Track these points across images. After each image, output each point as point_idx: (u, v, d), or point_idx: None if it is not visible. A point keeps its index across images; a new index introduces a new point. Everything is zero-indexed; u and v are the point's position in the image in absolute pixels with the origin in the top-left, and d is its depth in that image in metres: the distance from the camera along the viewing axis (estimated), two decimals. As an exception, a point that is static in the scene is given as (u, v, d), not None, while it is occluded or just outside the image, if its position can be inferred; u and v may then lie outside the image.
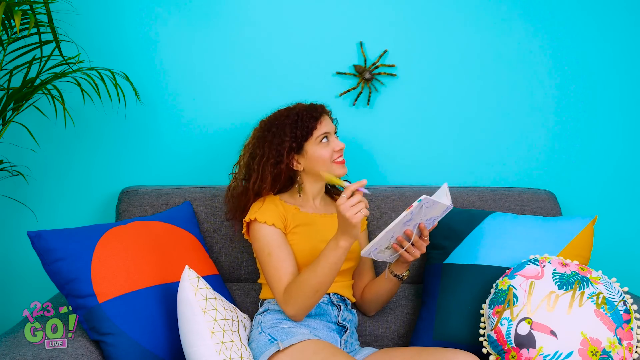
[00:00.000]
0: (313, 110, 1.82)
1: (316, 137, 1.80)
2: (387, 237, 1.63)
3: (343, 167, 1.82)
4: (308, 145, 1.80)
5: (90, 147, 2.12)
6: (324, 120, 1.83)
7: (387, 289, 1.84)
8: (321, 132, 1.80)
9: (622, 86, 2.22)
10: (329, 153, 1.80)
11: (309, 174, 1.84)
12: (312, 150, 1.80)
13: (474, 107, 2.19)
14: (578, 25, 2.19)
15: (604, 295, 1.67)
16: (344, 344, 1.77)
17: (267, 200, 1.80)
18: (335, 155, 1.81)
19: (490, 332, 1.69)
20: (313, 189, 1.87)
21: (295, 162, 1.81)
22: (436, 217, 1.68)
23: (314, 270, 1.64)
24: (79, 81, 1.92)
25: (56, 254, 1.61)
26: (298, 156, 1.81)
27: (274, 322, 1.73)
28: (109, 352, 1.60)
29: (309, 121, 1.80)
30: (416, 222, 1.64)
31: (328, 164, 1.80)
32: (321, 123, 1.82)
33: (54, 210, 2.12)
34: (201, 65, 2.12)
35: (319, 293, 1.66)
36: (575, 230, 1.88)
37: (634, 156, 2.25)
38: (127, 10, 2.08)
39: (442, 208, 1.64)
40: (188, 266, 1.62)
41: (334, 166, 1.81)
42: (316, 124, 1.80)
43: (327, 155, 1.80)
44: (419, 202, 1.57)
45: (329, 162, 1.80)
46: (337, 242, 1.61)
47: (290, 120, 1.81)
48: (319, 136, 1.80)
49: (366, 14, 2.13)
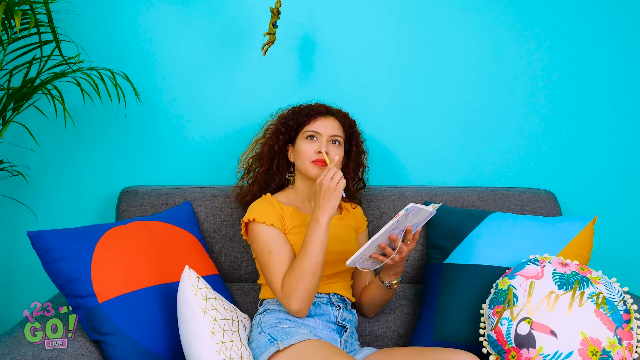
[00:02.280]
0: (316, 108, 1.87)
1: (304, 132, 1.84)
2: (373, 247, 1.63)
3: (319, 169, 1.79)
4: (298, 139, 1.86)
5: (90, 147, 2.12)
6: (323, 121, 1.84)
7: (379, 295, 1.85)
8: (310, 129, 1.83)
9: (622, 86, 2.22)
10: (310, 150, 1.81)
11: (301, 172, 1.85)
12: (299, 144, 1.85)
13: (473, 107, 2.19)
14: (578, 25, 2.19)
15: (604, 295, 1.67)
16: (344, 344, 1.77)
17: (264, 200, 1.81)
18: (314, 156, 1.80)
19: (490, 332, 1.69)
20: (305, 189, 1.88)
21: (289, 152, 1.88)
22: (419, 223, 1.68)
23: (304, 253, 1.65)
24: (79, 81, 1.92)
25: (56, 254, 1.61)
26: (292, 147, 1.88)
27: (274, 322, 1.73)
28: (109, 352, 1.60)
29: (303, 116, 1.86)
30: (401, 229, 1.64)
31: (307, 161, 1.81)
32: (316, 121, 1.84)
33: (53, 210, 2.12)
34: (201, 64, 2.12)
35: (316, 276, 1.66)
36: (575, 230, 1.88)
37: (634, 156, 2.25)
38: (127, 11, 2.08)
39: (425, 214, 1.64)
40: (188, 266, 1.62)
41: (309, 166, 1.81)
42: (309, 119, 1.85)
43: (309, 152, 1.81)
44: (406, 211, 1.57)
45: (308, 160, 1.81)
46: (317, 220, 1.65)
47: (297, 110, 1.89)
48: (306, 132, 1.83)
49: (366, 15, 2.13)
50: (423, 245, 2.03)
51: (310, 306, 1.72)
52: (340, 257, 1.80)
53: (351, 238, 1.89)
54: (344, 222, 1.90)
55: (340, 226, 1.88)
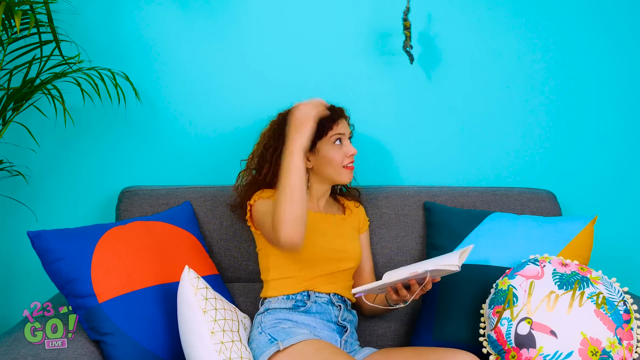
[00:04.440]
0: (332, 111, 1.82)
1: (330, 137, 1.80)
2: (380, 288, 1.63)
3: (350, 174, 1.83)
4: (321, 144, 1.81)
5: (91, 147, 2.12)
6: (340, 122, 1.83)
7: (382, 310, 1.85)
8: (336, 132, 1.81)
9: (622, 86, 2.22)
10: (340, 156, 1.81)
11: (317, 174, 1.84)
12: (325, 150, 1.80)
13: (473, 107, 2.19)
14: (578, 24, 2.19)
15: (604, 295, 1.67)
16: (344, 344, 1.78)
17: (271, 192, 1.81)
18: (346, 160, 1.81)
19: (490, 332, 1.69)
20: (319, 190, 1.87)
21: (306, 159, 1.79)
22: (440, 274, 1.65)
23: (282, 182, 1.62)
24: (79, 81, 1.92)
25: (56, 254, 1.61)
26: (309, 154, 1.81)
27: (274, 322, 1.73)
28: (109, 352, 1.60)
29: (326, 120, 1.79)
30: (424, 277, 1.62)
31: (338, 167, 1.81)
32: (338, 124, 1.82)
33: (53, 210, 2.12)
34: (201, 65, 2.12)
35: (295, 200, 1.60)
36: (575, 230, 1.88)
37: (634, 156, 2.25)
38: (127, 10, 2.08)
39: (448, 272, 1.61)
40: (188, 266, 1.62)
41: (343, 171, 1.81)
42: (333, 124, 1.81)
43: (339, 159, 1.80)
44: (424, 271, 1.55)
45: (340, 165, 1.81)
46: (289, 149, 1.62)
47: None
48: (333, 136, 1.81)
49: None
50: (423, 245, 2.03)
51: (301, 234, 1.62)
52: (343, 257, 1.81)
53: (354, 237, 1.89)
54: (348, 222, 1.91)
55: (344, 226, 1.88)
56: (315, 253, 1.76)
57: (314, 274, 1.78)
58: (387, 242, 2.02)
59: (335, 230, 1.82)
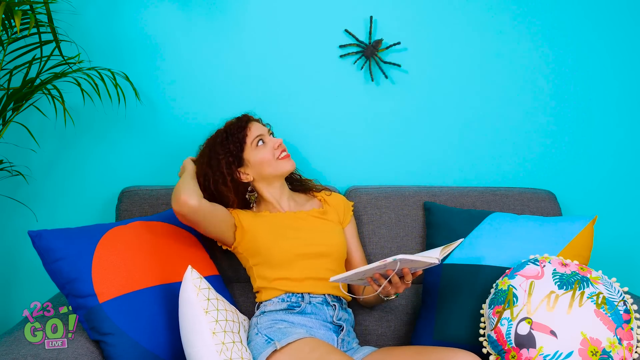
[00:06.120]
0: (238, 122, 1.87)
1: (250, 143, 1.85)
2: (357, 276, 1.63)
3: (288, 161, 1.86)
4: (247, 154, 1.85)
5: (91, 147, 2.12)
6: (252, 126, 1.87)
7: (374, 301, 1.87)
8: (253, 136, 1.85)
9: (622, 86, 2.23)
10: (269, 153, 1.84)
11: (261, 180, 1.87)
12: (253, 155, 1.84)
13: (474, 107, 2.19)
14: (577, 24, 2.19)
15: (604, 295, 1.67)
16: (341, 343, 1.78)
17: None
18: (277, 152, 1.85)
19: (490, 332, 1.69)
20: (273, 193, 1.89)
21: (243, 174, 1.85)
22: (419, 267, 1.65)
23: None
24: (79, 81, 1.92)
25: (57, 254, 1.61)
26: (242, 168, 1.85)
27: (270, 323, 1.73)
28: (109, 352, 1.60)
29: (238, 132, 1.85)
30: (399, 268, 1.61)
31: (273, 162, 1.84)
32: (250, 129, 1.86)
33: (54, 210, 2.12)
34: (201, 65, 2.12)
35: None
36: (575, 230, 1.88)
37: (634, 156, 2.25)
38: (127, 10, 2.08)
39: (424, 264, 1.60)
40: (191, 266, 1.62)
41: (279, 163, 1.84)
42: (245, 131, 1.85)
43: (269, 155, 1.84)
44: (394, 260, 1.55)
45: (273, 160, 1.84)
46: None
47: (220, 138, 1.86)
48: (253, 141, 1.85)
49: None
50: (423, 246, 2.03)
51: (189, 194, 1.70)
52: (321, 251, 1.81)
53: (334, 230, 1.89)
54: (327, 216, 1.91)
55: (322, 220, 1.89)
56: (289, 250, 1.78)
57: (299, 275, 1.79)
58: (387, 242, 2.02)
59: (309, 226, 1.83)
